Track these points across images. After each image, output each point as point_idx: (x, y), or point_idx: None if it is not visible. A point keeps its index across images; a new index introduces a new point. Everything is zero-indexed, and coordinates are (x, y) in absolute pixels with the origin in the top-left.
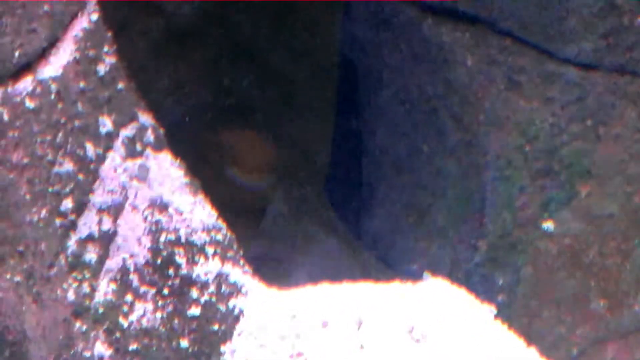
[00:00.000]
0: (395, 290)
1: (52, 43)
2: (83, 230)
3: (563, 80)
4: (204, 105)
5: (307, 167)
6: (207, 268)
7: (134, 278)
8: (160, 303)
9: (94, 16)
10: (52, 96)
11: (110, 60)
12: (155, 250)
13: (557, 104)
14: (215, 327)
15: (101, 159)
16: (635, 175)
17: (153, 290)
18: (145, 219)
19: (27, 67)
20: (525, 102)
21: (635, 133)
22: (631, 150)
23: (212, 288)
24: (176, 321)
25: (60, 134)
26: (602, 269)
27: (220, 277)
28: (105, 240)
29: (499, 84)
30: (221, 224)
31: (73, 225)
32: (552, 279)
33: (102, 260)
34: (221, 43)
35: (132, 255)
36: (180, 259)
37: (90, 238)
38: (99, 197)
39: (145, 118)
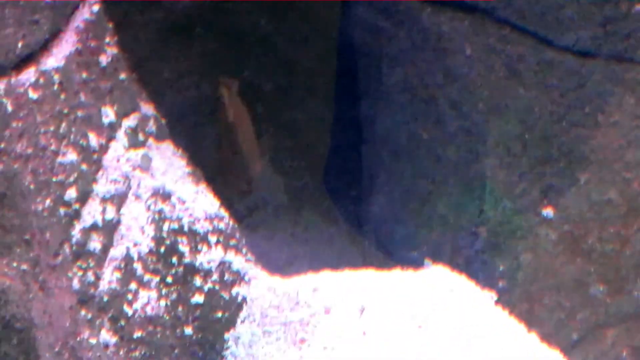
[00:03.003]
0: (396, 277)
1: (54, 34)
2: (87, 219)
3: (562, 68)
4: (204, 97)
5: (307, 157)
6: (210, 256)
7: (137, 266)
8: (164, 291)
9: (95, 7)
10: (55, 87)
11: (111, 51)
12: (158, 239)
13: (556, 91)
14: (219, 314)
15: (104, 149)
16: (633, 162)
17: (157, 279)
18: (149, 208)
19: (29, 58)
20: (524, 90)
21: (633, 120)
22: (629, 137)
23: (215, 276)
24: (180, 309)
25: (63, 124)
26: (602, 254)
27: (223, 265)
28: (109, 229)
29: (498, 72)
30: (223, 212)
31: (77, 215)
32: (552, 264)
33: (106, 249)
34: (221, 35)
35: (135, 244)
36: (184, 248)
37: (94, 227)
38: (102, 186)
39: (147, 108)
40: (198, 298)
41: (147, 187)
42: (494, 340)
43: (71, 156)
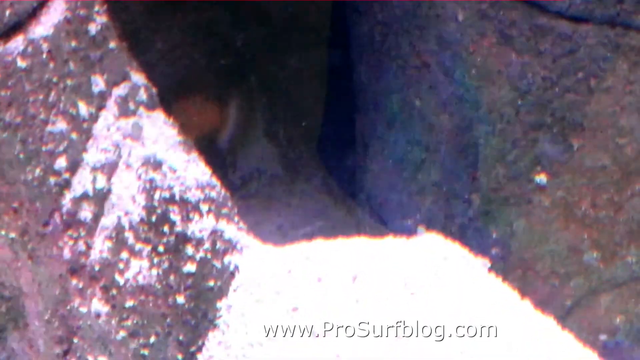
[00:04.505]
0: (389, 245)
1: (43, 2)
2: (77, 188)
3: (554, 34)
4: (197, 67)
5: (301, 127)
6: (201, 225)
7: (129, 236)
8: (155, 260)
9: None
10: (44, 55)
11: (101, 19)
12: (149, 208)
13: (549, 57)
14: (211, 283)
15: (94, 118)
16: (627, 127)
17: (148, 248)
18: (139, 177)
19: (18, 26)
20: (517, 56)
21: (626, 85)
22: (623, 103)
23: (207, 245)
24: (172, 278)
25: (52, 93)
26: (595, 220)
27: (215, 234)
28: (100, 198)
29: (491, 38)
30: (215, 181)
31: (67, 184)
32: (545, 231)
33: (97, 218)
34: (214, 5)
35: (126, 213)
36: (175, 217)
37: (84, 196)
38: (92, 155)
39: (138, 77)
40: (190, 267)
41: (137, 155)
42: (488, 308)
43: (61, 125)
